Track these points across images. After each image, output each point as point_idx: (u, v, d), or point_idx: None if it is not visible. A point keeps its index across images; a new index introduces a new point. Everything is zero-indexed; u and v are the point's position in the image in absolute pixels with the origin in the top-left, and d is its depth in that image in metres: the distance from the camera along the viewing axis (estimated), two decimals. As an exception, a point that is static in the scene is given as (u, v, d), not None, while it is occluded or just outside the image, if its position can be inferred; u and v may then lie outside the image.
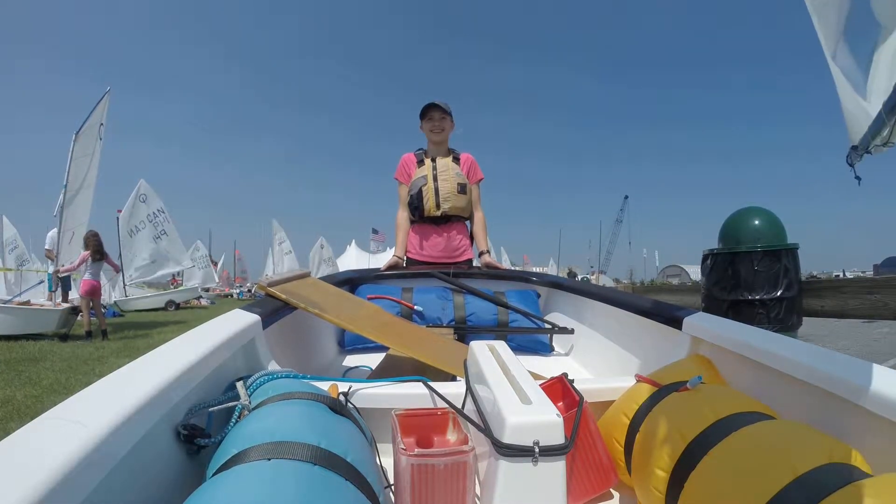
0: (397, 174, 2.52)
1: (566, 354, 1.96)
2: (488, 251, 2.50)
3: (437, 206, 2.37)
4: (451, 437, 0.89)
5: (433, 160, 2.41)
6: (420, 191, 2.37)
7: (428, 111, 2.41)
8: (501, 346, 1.04)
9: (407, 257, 2.54)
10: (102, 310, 7.63)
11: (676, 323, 1.29)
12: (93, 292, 7.23)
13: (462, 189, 2.39)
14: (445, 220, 2.45)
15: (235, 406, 0.79)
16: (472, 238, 2.59)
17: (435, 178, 2.37)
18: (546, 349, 1.96)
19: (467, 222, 2.58)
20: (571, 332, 1.94)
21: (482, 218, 2.54)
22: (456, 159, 2.46)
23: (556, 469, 0.69)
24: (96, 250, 7.26)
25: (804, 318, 2.58)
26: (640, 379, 1.02)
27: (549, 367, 1.73)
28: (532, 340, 1.96)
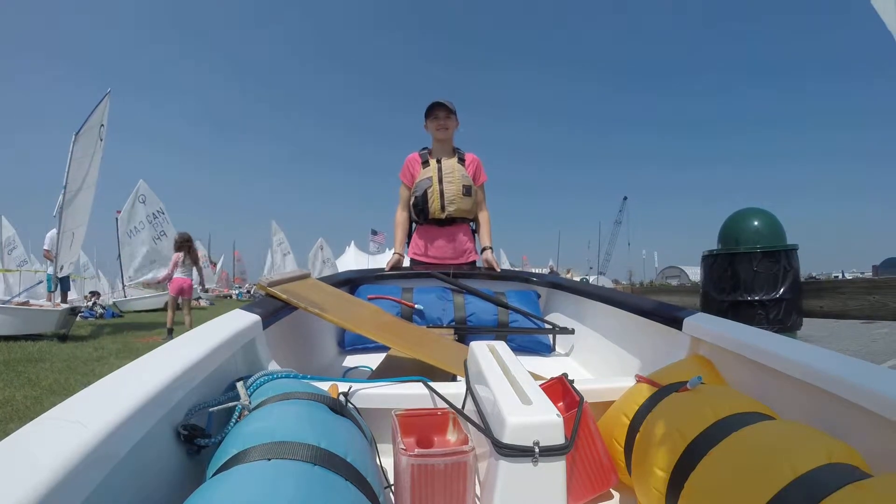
0: (401, 174, 2.48)
1: (566, 355, 1.96)
2: (491, 248, 2.49)
3: (443, 208, 2.34)
4: (452, 437, 0.89)
5: (438, 161, 2.37)
6: (425, 192, 2.34)
7: (433, 110, 2.37)
8: (501, 347, 1.04)
9: (411, 259, 2.52)
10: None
11: (676, 323, 1.29)
12: (181, 291, 7.09)
13: (467, 191, 2.36)
14: (450, 223, 2.42)
15: (235, 406, 0.79)
16: (475, 238, 2.57)
17: (440, 181, 2.33)
18: (546, 349, 1.96)
19: (471, 223, 2.55)
20: (572, 332, 1.94)
21: (487, 217, 2.52)
22: (461, 160, 2.41)
23: (556, 469, 0.69)
24: (190, 250, 7.19)
25: (804, 320, 2.58)
26: (640, 379, 1.02)
27: (549, 367, 1.73)
28: (532, 341, 1.96)
